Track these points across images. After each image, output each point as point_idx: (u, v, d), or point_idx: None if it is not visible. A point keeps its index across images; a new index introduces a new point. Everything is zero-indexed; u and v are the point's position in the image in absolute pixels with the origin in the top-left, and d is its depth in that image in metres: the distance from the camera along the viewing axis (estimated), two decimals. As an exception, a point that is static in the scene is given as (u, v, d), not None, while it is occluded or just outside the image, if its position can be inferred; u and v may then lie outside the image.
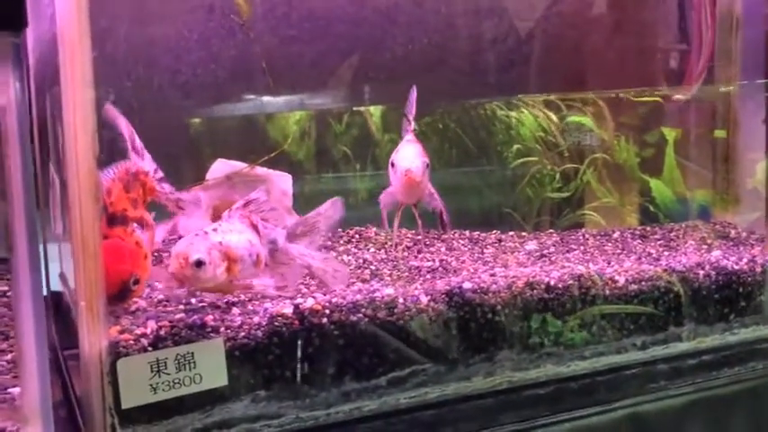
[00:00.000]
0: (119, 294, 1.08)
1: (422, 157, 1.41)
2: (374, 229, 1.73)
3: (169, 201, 1.23)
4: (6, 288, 1.59)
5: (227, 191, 1.59)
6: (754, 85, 1.87)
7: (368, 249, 1.61)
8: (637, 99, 2.22)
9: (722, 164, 2.07)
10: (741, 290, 1.52)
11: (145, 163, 1.19)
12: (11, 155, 0.84)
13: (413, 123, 1.47)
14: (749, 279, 1.52)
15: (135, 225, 1.15)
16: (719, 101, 2.08)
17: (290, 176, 1.61)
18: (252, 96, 1.91)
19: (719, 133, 2.05)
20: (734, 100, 2.03)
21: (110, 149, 1.18)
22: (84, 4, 0.95)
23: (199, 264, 1.05)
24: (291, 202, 1.60)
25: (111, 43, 1.62)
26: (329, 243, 1.55)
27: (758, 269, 1.54)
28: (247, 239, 1.11)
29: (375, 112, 2.07)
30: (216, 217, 1.35)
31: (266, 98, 1.92)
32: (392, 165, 1.38)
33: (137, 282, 1.10)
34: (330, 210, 1.26)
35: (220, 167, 1.59)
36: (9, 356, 1.20)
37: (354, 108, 2.04)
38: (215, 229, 1.10)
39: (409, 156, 1.38)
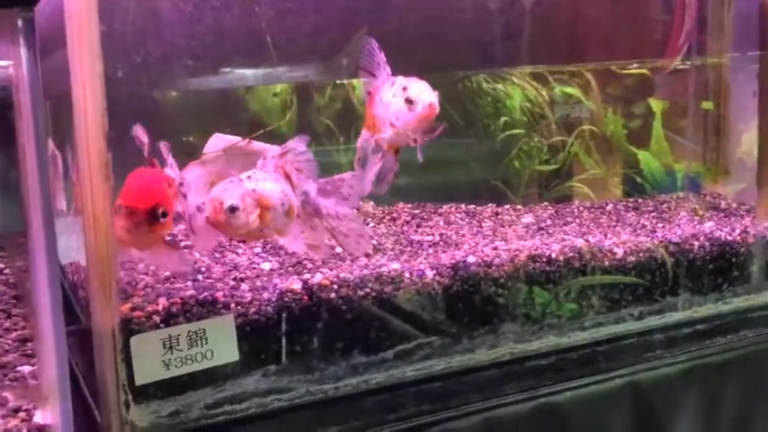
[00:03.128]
0: (147, 219, 1.04)
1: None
2: (371, 203, 1.73)
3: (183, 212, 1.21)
4: (2, 266, 1.58)
5: (224, 165, 1.57)
6: (746, 57, 1.88)
7: (367, 224, 1.61)
8: (623, 71, 2.24)
9: (712, 135, 2.10)
10: (734, 260, 1.55)
11: (173, 172, 1.18)
12: (25, 130, 0.83)
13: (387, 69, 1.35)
14: (741, 250, 1.56)
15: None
16: (711, 72, 2.10)
17: (305, 137, 1.58)
18: (232, 69, 1.89)
19: (707, 105, 2.07)
20: (725, 72, 2.05)
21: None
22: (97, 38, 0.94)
23: (233, 209, 1.05)
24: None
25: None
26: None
27: (750, 240, 1.57)
28: (280, 189, 1.11)
29: (358, 85, 2.06)
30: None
31: (247, 71, 1.90)
32: (408, 100, 1.22)
33: (165, 214, 1.06)
34: (353, 181, 1.23)
35: (217, 142, 1.57)
36: (14, 335, 1.20)
37: (337, 81, 2.03)
38: (249, 177, 1.10)
39: (425, 88, 1.25)
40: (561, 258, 1.37)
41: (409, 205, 1.75)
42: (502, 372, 1.30)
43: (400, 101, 1.21)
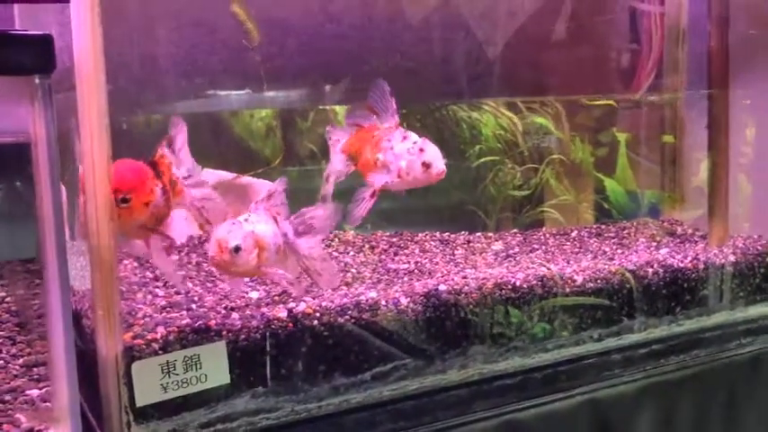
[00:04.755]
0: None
1: None
2: (351, 231, 1.85)
3: (192, 206, 1.32)
4: (4, 294, 1.67)
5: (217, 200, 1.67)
6: (698, 94, 2.03)
7: (348, 253, 1.73)
8: (591, 102, 2.38)
9: (669, 165, 2.24)
10: (686, 285, 1.68)
11: (181, 170, 1.28)
12: (42, 184, 0.93)
13: (396, 117, 1.46)
14: (693, 275, 1.69)
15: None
16: (668, 107, 2.25)
17: (284, 181, 1.69)
18: (218, 93, 1.97)
19: (668, 138, 2.22)
20: (680, 106, 2.20)
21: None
22: (100, 41, 1.05)
23: (237, 250, 1.16)
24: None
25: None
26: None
27: (701, 266, 1.70)
28: (272, 229, 1.22)
29: (340, 110, 2.17)
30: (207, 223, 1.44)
31: (233, 95, 1.98)
32: (425, 164, 1.34)
33: (125, 200, 1.15)
34: (324, 214, 1.35)
35: (208, 177, 1.68)
36: (21, 360, 1.30)
37: (320, 107, 2.13)
38: (246, 219, 1.21)
39: (439, 154, 1.37)
40: (525, 285, 1.49)
41: (387, 233, 1.87)
42: (471, 391, 1.41)
43: (415, 159, 1.34)
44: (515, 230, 2.06)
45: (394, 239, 1.85)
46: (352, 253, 1.72)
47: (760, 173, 2.00)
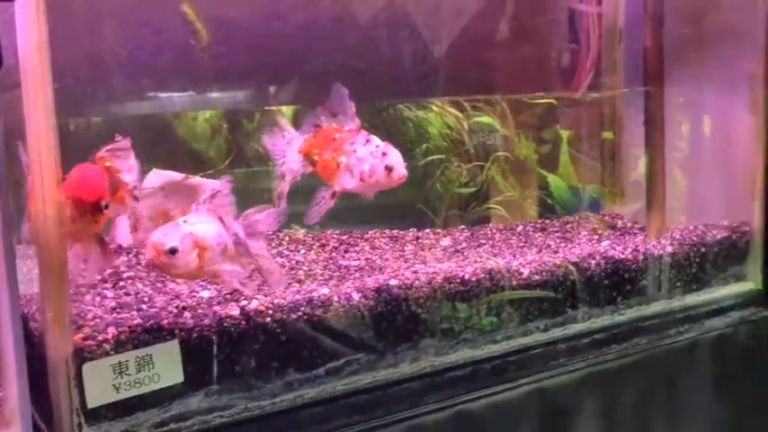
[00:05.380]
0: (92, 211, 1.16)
1: None
2: (302, 230, 1.86)
3: (131, 215, 1.31)
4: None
5: (161, 200, 1.66)
6: (635, 92, 2.10)
7: (299, 251, 1.74)
8: (534, 101, 2.43)
9: (609, 160, 2.32)
10: (626, 275, 1.75)
11: (127, 175, 1.28)
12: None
13: (357, 120, 1.48)
14: (633, 266, 1.75)
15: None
16: (607, 104, 2.32)
17: (229, 181, 1.69)
18: (165, 94, 1.96)
19: (607, 135, 2.29)
20: (619, 104, 2.28)
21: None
22: (46, 40, 1.04)
23: (173, 251, 1.15)
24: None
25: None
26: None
27: (640, 257, 1.77)
28: (215, 230, 1.22)
29: (287, 111, 2.17)
30: (154, 224, 1.43)
31: (179, 96, 1.97)
32: (388, 167, 1.37)
33: (107, 206, 1.18)
34: (264, 216, 1.36)
35: (155, 178, 1.67)
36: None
37: (267, 108, 2.13)
38: (185, 221, 1.21)
39: (400, 157, 1.40)
40: (474, 279, 1.52)
41: (338, 231, 1.88)
42: (423, 383, 1.44)
43: (378, 162, 1.37)
44: (463, 227, 2.10)
45: (344, 237, 1.87)
46: (303, 251, 1.73)
47: (694, 167, 2.09)
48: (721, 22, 2.00)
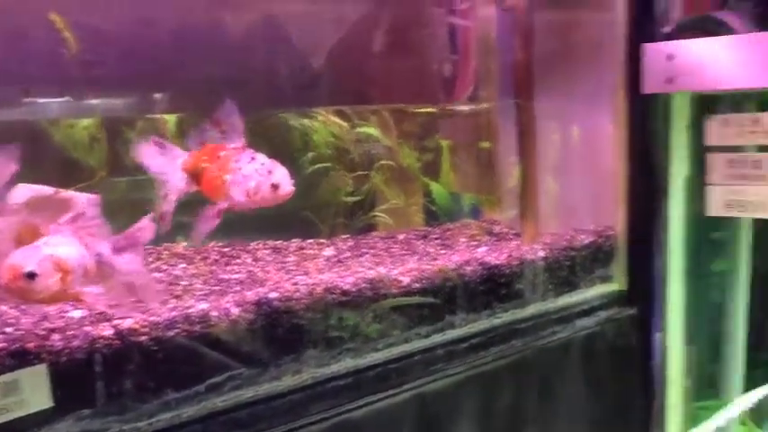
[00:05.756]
0: None
1: None
2: (183, 243, 1.82)
3: None
4: None
5: (28, 216, 1.58)
6: (510, 103, 2.19)
7: (178, 266, 1.70)
8: (416, 111, 2.50)
9: (487, 169, 2.41)
10: (502, 280, 1.82)
11: None
12: None
13: (243, 137, 1.47)
14: (508, 271, 1.83)
15: None
16: (483, 114, 2.41)
17: (96, 197, 1.64)
18: (40, 101, 1.88)
19: (484, 144, 2.38)
20: (494, 115, 2.37)
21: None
22: None
23: (31, 276, 1.09)
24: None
25: None
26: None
27: (515, 262, 1.85)
28: (77, 251, 1.16)
29: (170, 119, 2.13)
30: (19, 243, 1.37)
31: (54, 103, 1.90)
32: (274, 185, 1.39)
33: None
34: (142, 230, 1.33)
35: (23, 192, 1.59)
36: None
37: (148, 116, 2.08)
38: (46, 243, 1.15)
39: (287, 175, 1.41)
40: (355, 288, 1.54)
41: (220, 244, 1.86)
42: (305, 395, 1.45)
43: (264, 180, 1.37)
44: (346, 236, 2.12)
45: (226, 250, 1.85)
46: (183, 265, 1.70)
47: (564, 174, 2.21)
48: (587, 38, 2.12)
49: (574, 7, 2.15)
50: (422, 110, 2.56)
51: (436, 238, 2.08)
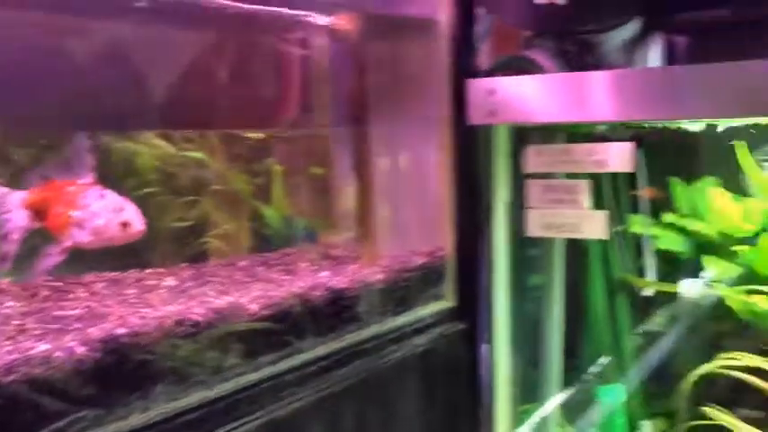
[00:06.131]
0: None
1: None
2: (6, 279, 1.69)
3: None
4: None
5: None
6: (346, 130, 2.27)
7: (3, 304, 1.58)
8: (249, 135, 2.51)
9: (322, 194, 2.46)
10: (345, 303, 1.87)
11: None
12: None
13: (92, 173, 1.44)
14: (349, 294, 1.89)
15: None
16: (318, 140, 2.47)
17: None
18: None
19: (318, 169, 2.44)
20: (329, 141, 2.44)
21: None
22: None
23: None
24: None
25: None
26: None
27: (356, 284, 1.91)
28: None
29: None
30: None
31: None
32: (124, 223, 1.39)
33: None
34: None
35: None
36: None
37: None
38: None
39: (138, 214, 1.43)
40: (202, 319, 1.52)
41: (50, 278, 1.74)
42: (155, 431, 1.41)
43: (113, 217, 1.32)
44: (185, 264, 2.07)
45: (57, 284, 1.74)
46: (11, 303, 1.58)
47: (398, 198, 2.32)
48: (417, 70, 2.26)
49: (404, 40, 2.28)
50: (251, 134, 2.57)
51: (277, 264, 2.10)
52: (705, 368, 2.16)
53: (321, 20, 2.21)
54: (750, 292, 2.27)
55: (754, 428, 2.01)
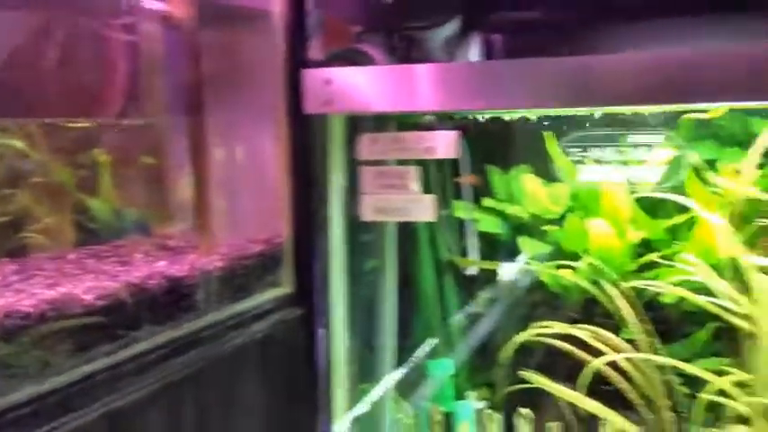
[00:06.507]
0: None
1: None
2: None
3: None
4: None
5: None
6: (181, 119, 2.23)
7: None
8: (71, 125, 2.39)
9: (155, 184, 2.41)
10: (183, 291, 1.86)
11: None
12: None
13: None
14: (188, 282, 1.88)
15: None
16: (151, 129, 2.41)
17: None
18: None
19: (150, 159, 2.38)
20: (162, 131, 2.38)
21: None
22: None
23: None
24: None
25: None
26: None
27: (194, 273, 1.90)
28: None
29: None
30: None
31: None
32: None
33: None
34: None
35: None
36: None
37: None
38: None
39: None
40: (34, 311, 1.46)
41: None
42: (-18, 431, 1.34)
43: None
44: (6, 259, 1.96)
45: None
46: None
47: (236, 187, 2.32)
48: (253, 59, 2.27)
49: (239, 30, 2.28)
50: (75, 124, 2.46)
51: (110, 256, 2.03)
52: (522, 336, 2.37)
53: (152, 5, 2.16)
54: (559, 267, 2.52)
55: (565, 386, 2.23)
